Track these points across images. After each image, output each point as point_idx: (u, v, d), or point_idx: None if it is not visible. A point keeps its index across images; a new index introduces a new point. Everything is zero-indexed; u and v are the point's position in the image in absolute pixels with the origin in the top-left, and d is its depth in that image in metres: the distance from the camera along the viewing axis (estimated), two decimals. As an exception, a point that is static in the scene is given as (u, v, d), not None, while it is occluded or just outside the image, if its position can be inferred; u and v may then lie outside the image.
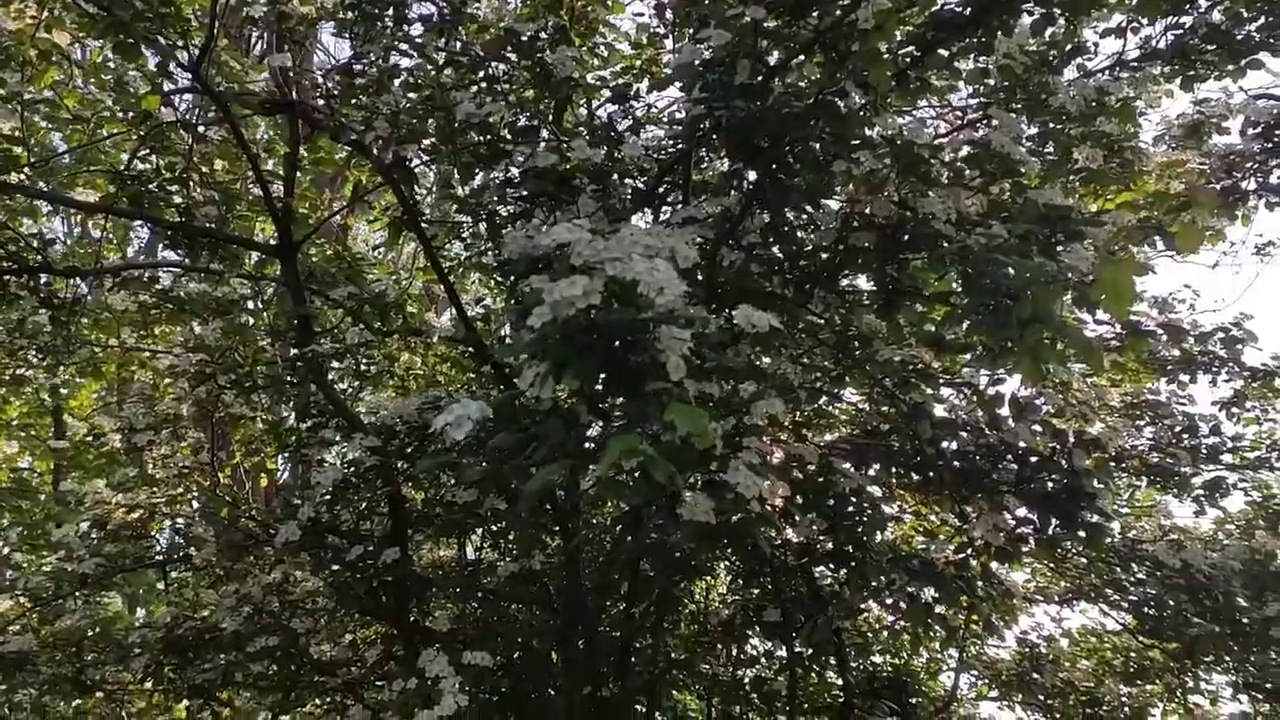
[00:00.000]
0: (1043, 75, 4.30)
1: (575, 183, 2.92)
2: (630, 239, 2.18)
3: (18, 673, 5.44)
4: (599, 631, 5.27)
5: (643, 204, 3.68)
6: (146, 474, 5.49)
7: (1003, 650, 7.99)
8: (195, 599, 6.62)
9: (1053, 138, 4.30)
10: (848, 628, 5.92)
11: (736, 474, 2.56)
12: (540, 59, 3.90)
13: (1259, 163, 5.08)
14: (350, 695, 5.94)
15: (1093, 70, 4.73)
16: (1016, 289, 2.53)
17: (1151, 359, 5.73)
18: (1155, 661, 7.10)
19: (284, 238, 4.30)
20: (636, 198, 3.42)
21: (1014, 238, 3.02)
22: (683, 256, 2.27)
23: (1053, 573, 7.56)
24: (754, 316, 2.14)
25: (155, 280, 5.04)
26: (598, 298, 1.91)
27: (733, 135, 3.19)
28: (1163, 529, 6.53)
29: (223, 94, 3.90)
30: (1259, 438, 6.45)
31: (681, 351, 1.99)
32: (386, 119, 3.86)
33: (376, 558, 4.45)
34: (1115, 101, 3.97)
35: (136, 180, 4.29)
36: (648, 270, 1.93)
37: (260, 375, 4.59)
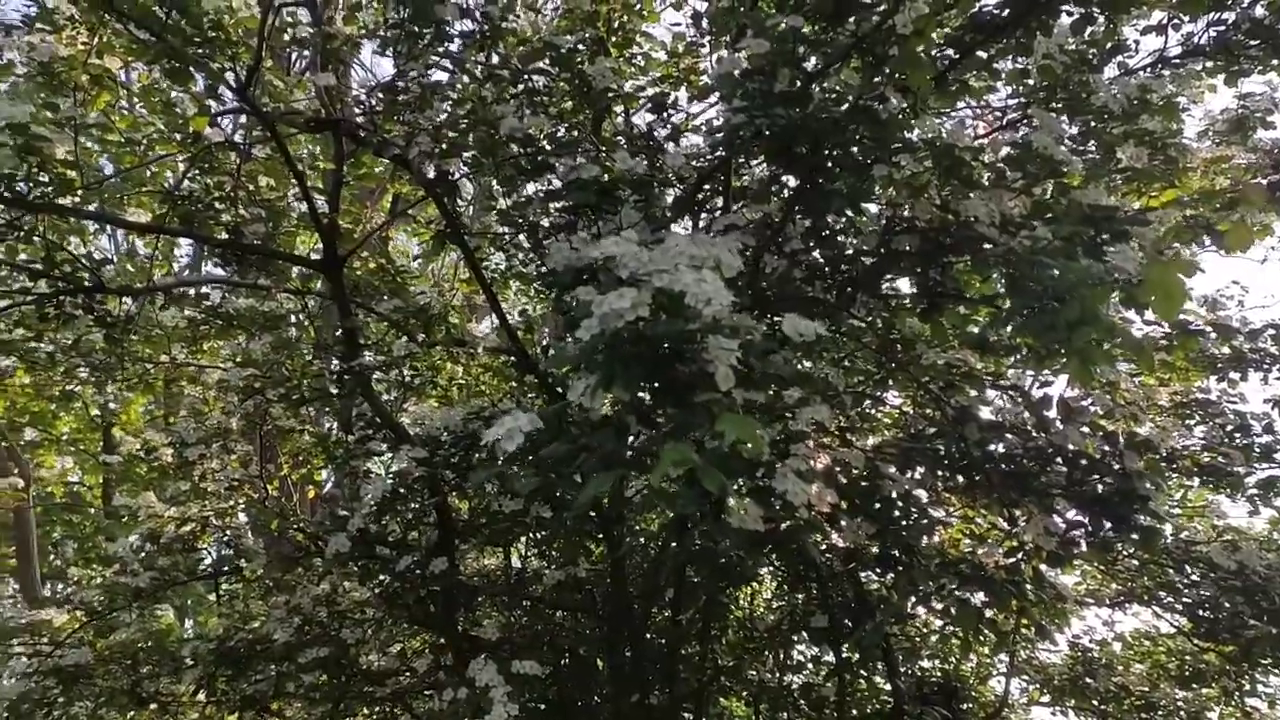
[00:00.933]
0: (1083, 74, 4.26)
1: (617, 193, 2.94)
2: (676, 249, 2.19)
3: (75, 685, 5.55)
4: (645, 639, 5.28)
5: (684, 212, 3.69)
6: (197, 487, 5.59)
7: (1054, 655, 7.89)
8: (246, 610, 6.73)
9: (1095, 137, 4.26)
10: (896, 633, 5.89)
11: (784, 481, 2.57)
12: (579, 70, 3.93)
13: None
14: (399, 705, 6.00)
15: (1134, 68, 4.69)
16: (1063, 291, 2.51)
17: (1201, 357, 5.64)
18: (1211, 664, 6.98)
19: (329, 252, 4.36)
20: (677, 205, 3.43)
21: (1059, 239, 3.01)
22: (728, 265, 2.28)
23: (1104, 575, 7.47)
24: (801, 325, 2.15)
25: (204, 297, 5.14)
26: (646, 309, 1.92)
27: (773, 142, 3.19)
28: (1216, 530, 6.42)
29: (269, 113, 3.97)
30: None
31: (729, 361, 2.00)
32: (429, 134, 3.91)
33: (424, 568, 4.50)
34: (1158, 99, 3.93)
35: (186, 200, 4.38)
36: (695, 281, 1.95)
37: (307, 389, 4.66)
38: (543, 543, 5.35)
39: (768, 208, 3.58)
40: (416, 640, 6.02)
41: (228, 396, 5.61)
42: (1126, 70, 4.68)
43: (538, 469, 2.26)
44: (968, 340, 3.99)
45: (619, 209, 2.92)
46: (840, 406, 3.74)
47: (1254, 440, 5.34)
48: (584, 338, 2.03)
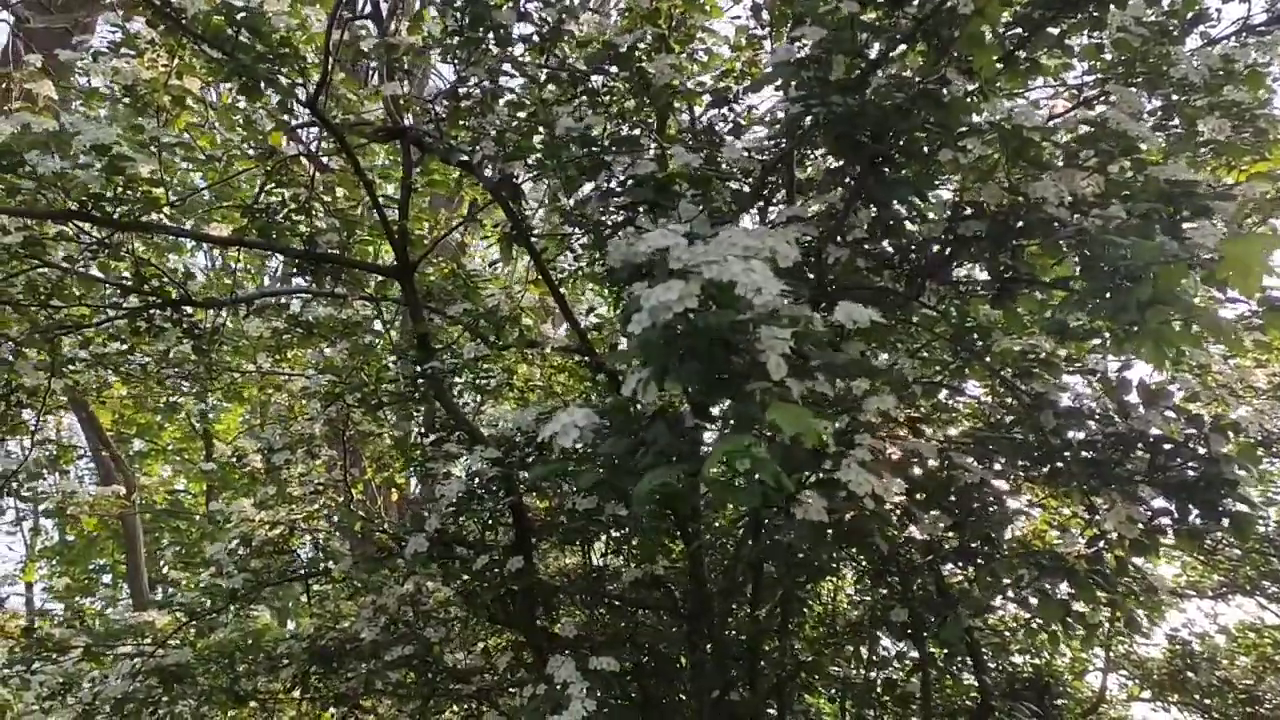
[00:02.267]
0: (1163, 46, 4.11)
1: (675, 189, 2.94)
2: (729, 241, 2.18)
3: (176, 684, 5.75)
4: (725, 635, 5.26)
5: (747, 206, 3.67)
6: (285, 492, 5.75)
7: (1153, 649, 7.65)
8: (336, 610, 6.91)
9: (1177, 111, 4.11)
10: (981, 627, 5.75)
11: (849, 472, 2.54)
12: (639, 68, 3.94)
13: None
14: (485, 702, 6.08)
15: (1216, 38, 4.50)
16: (1135, 270, 2.43)
17: (1299, 337, 5.40)
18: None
19: (401, 259, 4.45)
20: (740, 199, 3.41)
21: (1135, 217, 2.91)
22: (783, 255, 2.26)
23: (1204, 566, 7.21)
24: (855, 312, 2.12)
25: (285, 307, 5.29)
26: (694, 300, 1.92)
27: (832, 131, 3.16)
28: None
29: (339, 125, 4.07)
30: None
31: (782, 351, 1.98)
32: (493, 139, 3.96)
33: (502, 566, 4.56)
34: (1242, 68, 3.77)
35: (264, 213, 4.52)
36: (744, 271, 1.93)
37: (384, 393, 4.76)
38: (620, 540, 5.36)
39: (831, 198, 3.54)
40: (499, 639, 6.09)
41: (311, 403, 5.76)
42: (1209, 40, 4.50)
43: (598, 465, 2.27)
44: (1045, 326, 3.88)
45: (677, 205, 2.91)
46: (910, 398, 3.67)
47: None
48: (636, 331, 2.03)
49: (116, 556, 13.35)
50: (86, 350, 4.85)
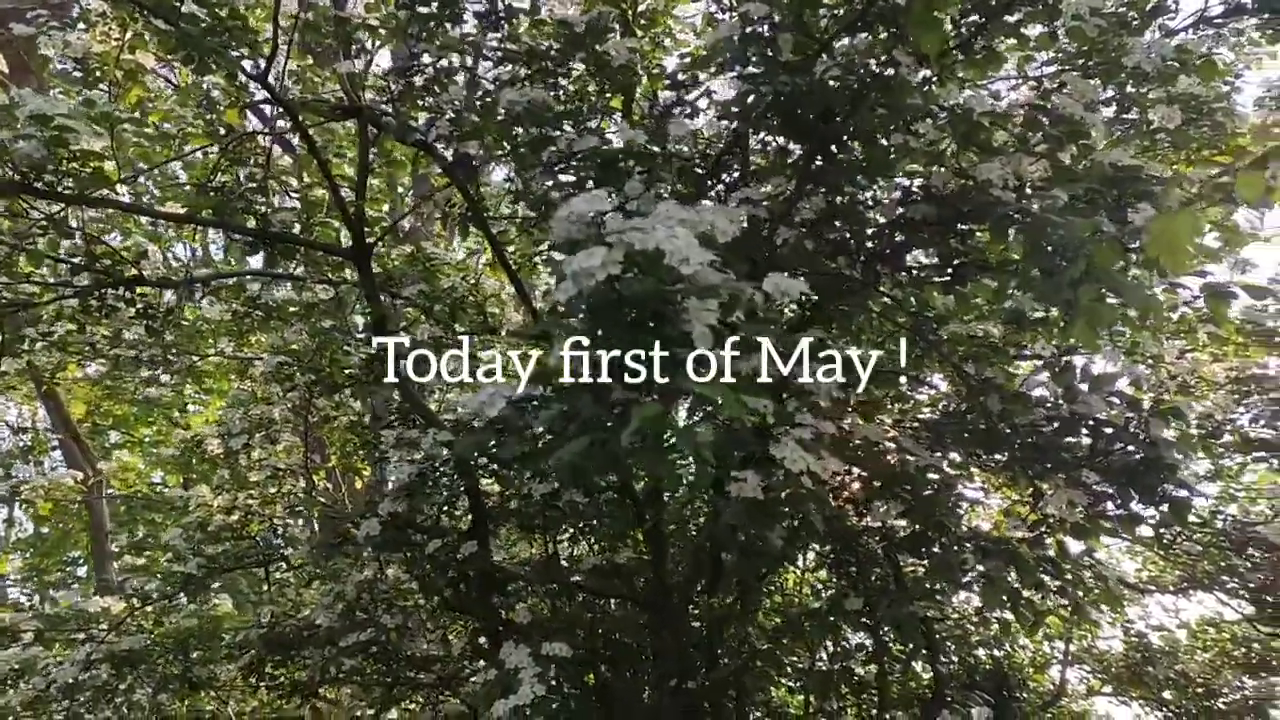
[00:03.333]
0: (1120, 37, 4.13)
1: (622, 165, 2.92)
2: (664, 213, 2.17)
3: (130, 670, 5.70)
4: (685, 623, 5.25)
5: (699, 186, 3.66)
6: (242, 477, 5.70)
7: (1116, 643, 7.70)
8: (298, 598, 6.86)
9: (1132, 100, 4.13)
10: (939, 617, 5.76)
11: (783, 449, 2.53)
12: (596, 50, 3.92)
13: (1366, 117, 4.78)
14: (446, 689, 6.05)
15: (1176, 29, 4.52)
16: (1071, 249, 2.43)
17: (1257, 330, 5.44)
18: (1277, 651, 6.74)
19: (357, 240, 4.41)
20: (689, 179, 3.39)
21: (1081, 201, 2.91)
22: (722, 231, 2.24)
23: (1165, 560, 7.26)
24: (783, 284, 2.11)
25: (242, 288, 5.23)
26: (616, 268, 1.90)
27: (781, 112, 3.15)
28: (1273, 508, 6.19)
29: (291, 101, 4.02)
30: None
31: (708, 321, 1.97)
32: (449, 118, 3.93)
33: (455, 552, 4.52)
34: (1195, 60, 3.78)
35: (219, 191, 4.46)
36: (667, 238, 1.92)
37: (340, 375, 4.72)
38: (579, 527, 5.33)
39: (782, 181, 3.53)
40: (459, 626, 6.07)
41: (269, 386, 5.71)
42: (1168, 32, 4.52)
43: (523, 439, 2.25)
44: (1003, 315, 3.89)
45: (623, 181, 2.89)
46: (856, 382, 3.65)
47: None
48: (562, 299, 2.01)
49: (91, 548, 13.22)
50: (35, 329, 4.77)
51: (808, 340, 2.90)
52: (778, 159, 3.54)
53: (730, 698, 5.52)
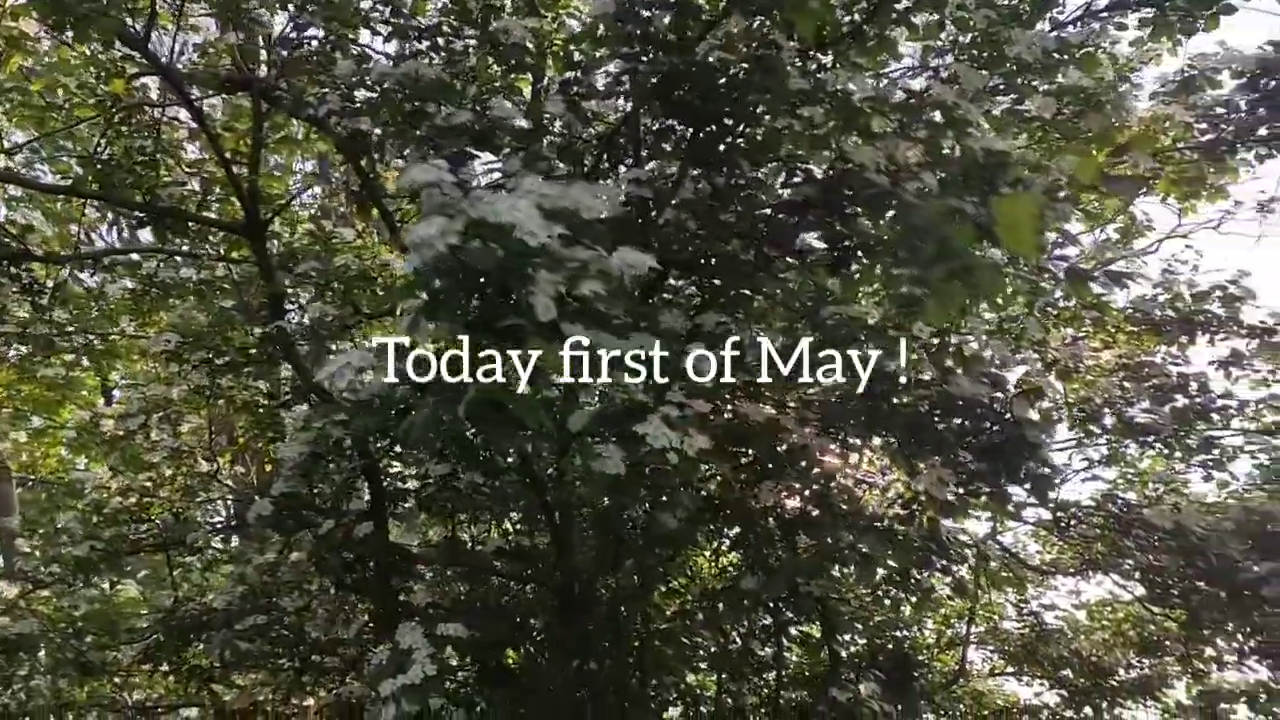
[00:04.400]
0: (1009, 28, 4.22)
1: (495, 141, 2.91)
2: (527, 188, 2.17)
3: (20, 655, 5.56)
4: (590, 605, 5.26)
5: (591, 165, 3.66)
6: (139, 458, 5.58)
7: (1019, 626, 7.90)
8: (204, 583, 6.74)
9: (1017, 90, 4.22)
10: (837, 597, 5.86)
11: (647, 425, 2.55)
12: (489, 30, 3.89)
13: (1246, 113, 4.95)
14: (352, 672, 6.00)
15: (1065, 22, 4.63)
16: (927, 229, 2.48)
17: (1144, 319, 5.61)
18: (1170, 631, 6.97)
19: (251, 217, 4.33)
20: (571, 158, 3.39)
21: (955, 185, 2.97)
22: (587, 208, 2.25)
23: (1062, 544, 7.46)
24: (630, 258, 2.12)
25: (137, 265, 5.11)
26: (456, 238, 1.90)
27: (665, 92, 3.16)
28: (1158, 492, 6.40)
29: (173, 72, 3.93)
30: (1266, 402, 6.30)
31: (551, 293, 1.98)
32: (340, 94, 3.87)
33: (350, 532, 4.48)
34: (1077, 52, 3.88)
35: (105, 164, 4.35)
36: (508, 210, 1.92)
37: (234, 354, 4.64)
38: (479, 509, 5.32)
39: (669, 162, 3.55)
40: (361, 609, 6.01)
41: (169, 366, 5.59)
42: (1057, 25, 4.63)
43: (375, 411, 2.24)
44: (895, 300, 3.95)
45: (499, 157, 2.88)
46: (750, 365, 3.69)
47: (1194, 401, 5.30)
48: (409, 270, 2.00)
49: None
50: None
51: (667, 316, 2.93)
52: (656, 139, 3.55)
53: (635, 679, 5.57)
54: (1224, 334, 5.57)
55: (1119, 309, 5.73)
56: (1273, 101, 4.69)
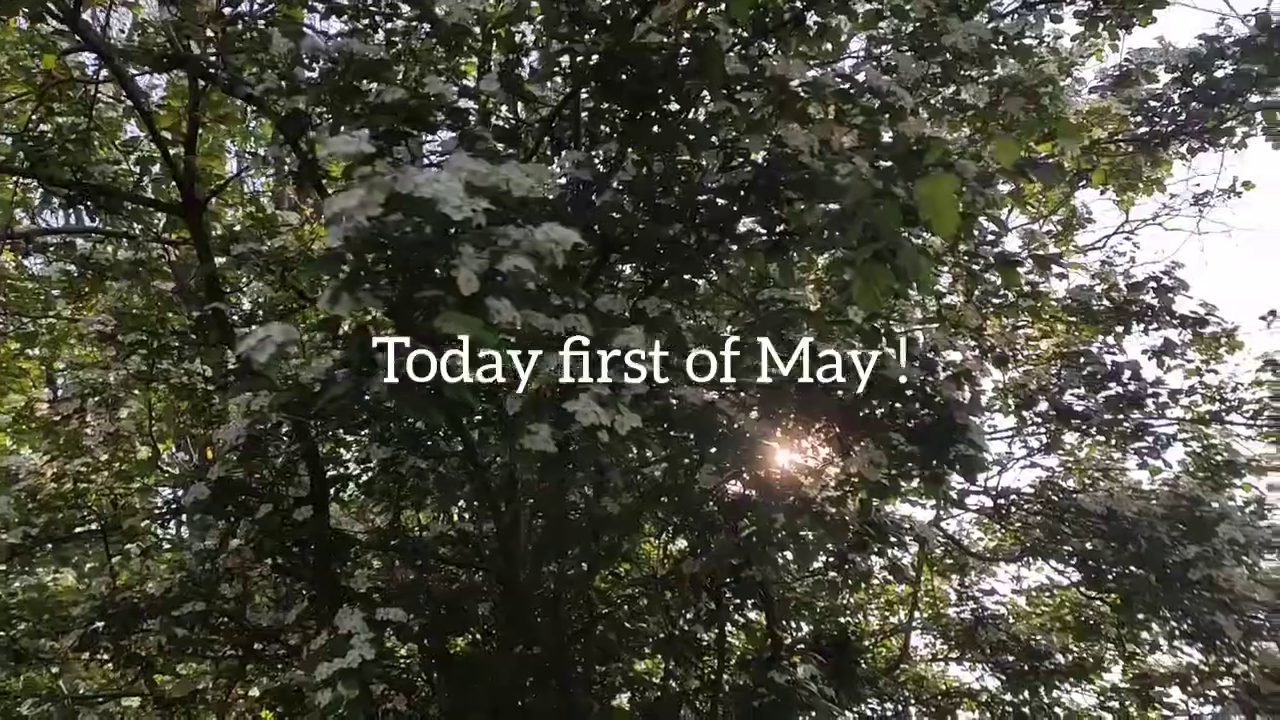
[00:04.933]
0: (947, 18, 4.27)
1: (430, 120, 2.89)
2: (455, 164, 2.17)
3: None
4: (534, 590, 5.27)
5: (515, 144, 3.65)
6: (75, 443, 5.48)
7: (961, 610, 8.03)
8: (144, 570, 6.64)
9: (954, 80, 4.28)
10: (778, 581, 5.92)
11: (576, 403, 2.56)
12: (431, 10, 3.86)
13: (1179, 107, 5.06)
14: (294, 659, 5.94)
15: (1004, 14, 4.70)
16: (854, 210, 2.51)
17: (1081, 308, 5.72)
18: (1105, 615, 7.13)
19: (187, 196, 4.27)
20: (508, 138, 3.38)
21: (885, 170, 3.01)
22: (518, 185, 2.25)
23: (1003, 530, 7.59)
24: (555, 233, 2.12)
25: (71, 246, 5.02)
26: (376, 209, 1.89)
27: (600, 74, 3.17)
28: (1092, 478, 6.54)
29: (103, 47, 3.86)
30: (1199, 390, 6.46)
31: (475, 268, 1.98)
32: (278, 72, 3.82)
33: (289, 516, 4.45)
34: (1012, 43, 3.94)
35: (37, 141, 4.26)
36: (429, 183, 1.91)
37: (170, 336, 4.58)
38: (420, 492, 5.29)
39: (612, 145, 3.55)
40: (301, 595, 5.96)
41: (105, 350, 5.50)
42: (995, 17, 4.69)
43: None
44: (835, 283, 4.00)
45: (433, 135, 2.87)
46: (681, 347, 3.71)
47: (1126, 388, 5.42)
48: (331, 244, 1.99)
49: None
50: None
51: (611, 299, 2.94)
52: (593, 121, 3.55)
53: (576, 665, 5.58)
54: (1157, 324, 5.70)
55: (1057, 299, 5.84)
56: (1204, 96, 4.79)
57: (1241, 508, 5.88)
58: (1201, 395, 6.52)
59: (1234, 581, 4.99)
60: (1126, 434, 5.77)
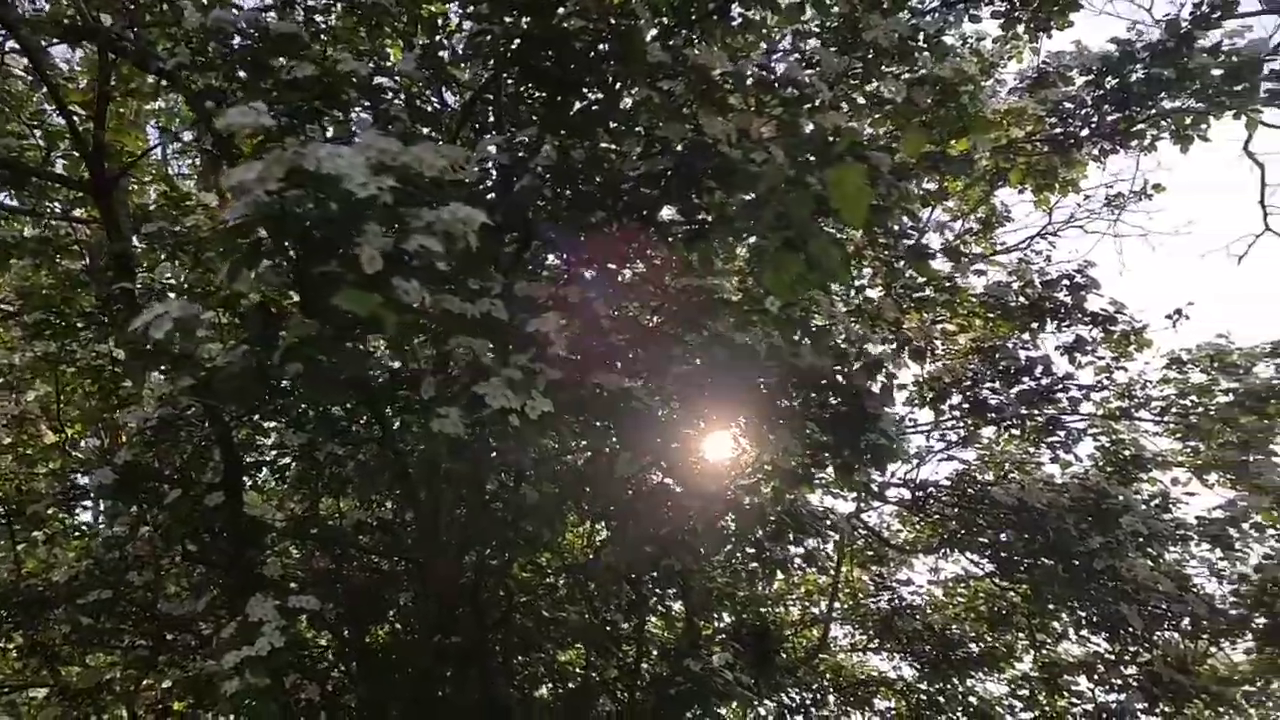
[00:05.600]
0: (869, 14, 4.33)
1: (342, 97, 2.84)
2: (365, 143, 2.13)
3: None
4: (454, 579, 5.22)
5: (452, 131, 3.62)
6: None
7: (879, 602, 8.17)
8: (50, 556, 6.43)
9: (876, 76, 4.34)
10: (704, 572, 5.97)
11: (486, 386, 2.54)
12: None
13: (1093, 108, 5.20)
14: (205, 649, 5.82)
15: (924, 12, 4.78)
16: (767, 198, 2.54)
17: (997, 304, 5.85)
18: (1016, 605, 7.31)
19: (96, 173, 4.14)
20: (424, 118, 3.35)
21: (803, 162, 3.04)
22: (428, 165, 2.22)
23: (921, 522, 7.74)
24: (461, 213, 2.10)
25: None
26: (275, 184, 1.85)
27: (519, 56, 3.15)
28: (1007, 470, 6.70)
29: (11, 16, 3.72)
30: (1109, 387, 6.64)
31: (379, 247, 1.95)
32: (191, 46, 3.73)
33: (199, 502, 4.35)
34: (927, 39, 4.01)
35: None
36: (331, 158, 1.88)
37: (78, 317, 4.44)
38: (339, 480, 5.21)
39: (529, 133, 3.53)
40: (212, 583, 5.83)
41: (10, 330, 5.32)
42: (916, 14, 4.77)
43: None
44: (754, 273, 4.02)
45: (346, 114, 2.82)
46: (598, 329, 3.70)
47: (1039, 382, 5.56)
48: (231, 219, 1.95)
49: None
50: None
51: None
52: (513, 103, 3.53)
53: (497, 655, 5.55)
54: (1070, 321, 5.85)
55: (975, 295, 5.97)
56: (1116, 99, 4.93)
57: (1146, 501, 6.06)
58: (1112, 392, 6.72)
59: (1136, 572, 5.16)
60: (1040, 428, 5.92)
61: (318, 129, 2.83)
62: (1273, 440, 6.30)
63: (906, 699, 7.76)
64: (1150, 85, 4.72)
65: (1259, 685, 6.34)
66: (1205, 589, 6.08)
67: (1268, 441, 6.29)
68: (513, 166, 3.39)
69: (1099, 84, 5.00)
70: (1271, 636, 5.63)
